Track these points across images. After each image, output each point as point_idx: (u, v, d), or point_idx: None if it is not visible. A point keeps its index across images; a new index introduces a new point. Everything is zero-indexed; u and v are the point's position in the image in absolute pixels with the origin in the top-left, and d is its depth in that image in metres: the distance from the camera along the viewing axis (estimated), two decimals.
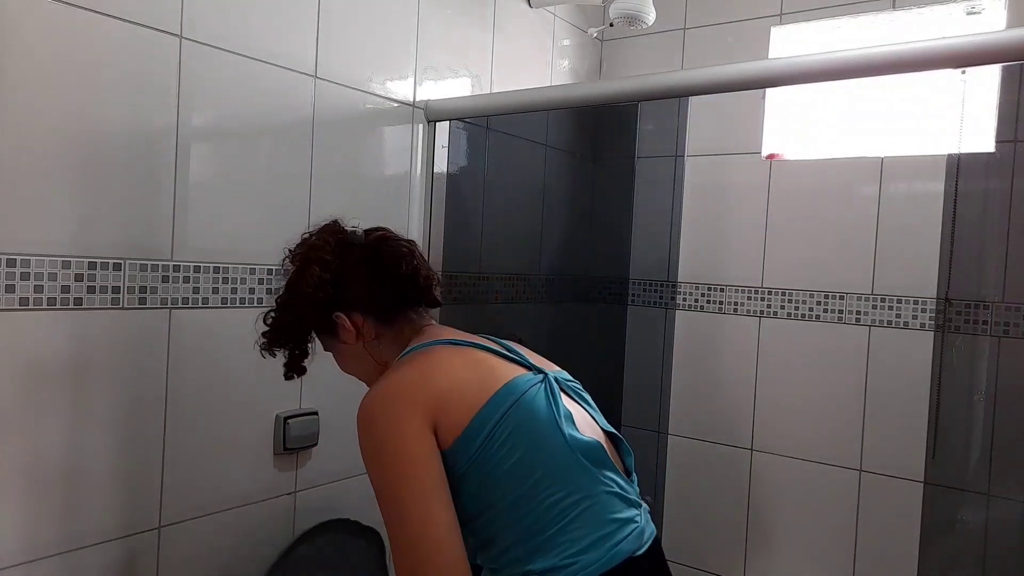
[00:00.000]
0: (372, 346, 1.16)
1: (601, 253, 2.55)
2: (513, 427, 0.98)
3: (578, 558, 0.95)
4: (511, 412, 0.99)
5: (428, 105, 1.83)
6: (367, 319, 1.15)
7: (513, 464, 0.98)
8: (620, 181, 2.52)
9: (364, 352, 1.17)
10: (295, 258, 1.17)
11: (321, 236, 1.18)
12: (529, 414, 1.00)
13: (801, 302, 2.15)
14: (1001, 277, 1.89)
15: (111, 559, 1.30)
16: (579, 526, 0.97)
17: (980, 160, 1.93)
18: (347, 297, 1.14)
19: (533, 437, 0.99)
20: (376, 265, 1.15)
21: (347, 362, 1.22)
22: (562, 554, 0.95)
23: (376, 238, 1.19)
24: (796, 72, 1.45)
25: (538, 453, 0.99)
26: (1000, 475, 1.88)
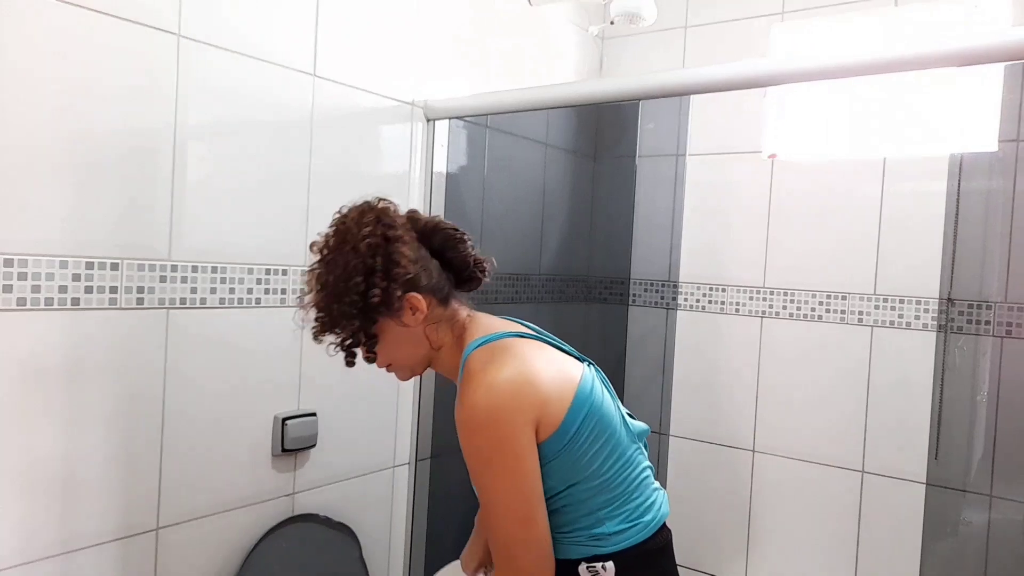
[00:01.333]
0: (432, 330, 1.12)
1: (602, 253, 2.55)
2: (596, 419, 1.08)
3: (639, 520, 1.10)
4: (592, 407, 1.08)
5: (427, 104, 1.82)
6: (430, 301, 1.11)
7: (597, 450, 1.08)
8: (621, 180, 2.51)
9: (423, 336, 1.12)
10: (345, 234, 1.08)
11: (371, 214, 1.10)
12: (601, 406, 1.10)
13: (803, 302, 2.14)
14: (1004, 277, 1.88)
15: (109, 560, 1.29)
16: (638, 495, 1.12)
17: (983, 159, 1.92)
18: (419, 276, 1.09)
19: (610, 425, 1.10)
20: (441, 248, 1.14)
21: (399, 348, 1.13)
22: (628, 518, 1.10)
23: (428, 222, 1.15)
24: (797, 72, 1.44)
25: (613, 439, 1.10)
26: (1002, 476, 1.87)
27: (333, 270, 1.06)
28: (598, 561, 1.08)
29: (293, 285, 1.56)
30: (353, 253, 1.06)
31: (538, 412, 1.03)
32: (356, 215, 1.10)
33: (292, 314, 1.55)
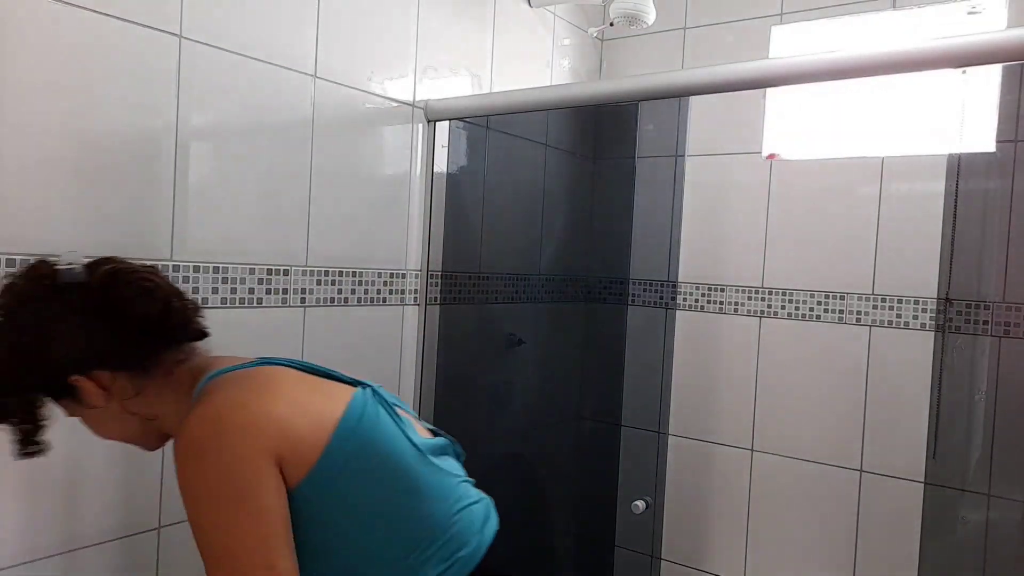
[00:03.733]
0: (135, 403, 0.95)
1: (601, 253, 2.55)
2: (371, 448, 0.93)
3: (456, 555, 0.94)
4: (363, 435, 0.92)
5: (428, 105, 1.83)
6: (116, 374, 0.93)
7: (379, 483, 0.92)
8: (620, 181, 2.52)
9: (124, 413, 0.95)
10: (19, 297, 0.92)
11: (28, 283, 0.92)
12: (377, 432, 0.94)
13: (801, 302, 2.15)
14: (1002, 277, 1.89)
15: (111, 559, 1.30)
16: (449, 526, 0.95)
17: (981, 160, 1.93)
18: (82, 355, 0.91)
19: (392, 453, 0.94)
20: (109, 309, 0.92)
21: (105, 427, 0.99)
22: (443, 557, 0.93)
23: (104, 274, 0.94)
24: (796, 72, 1.45)
25: (401, 468, 0.94)
26: (1000, 475, 1.88)
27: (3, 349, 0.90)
28: None
29: (295, 285, 1.56)
30: (10, 331, 0.91)
31: (280, 441, 0.86)
32: (21, 282, 0.93)
33: (293, 314, 1.56)
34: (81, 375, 0.92)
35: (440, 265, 1.90)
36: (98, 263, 0.96)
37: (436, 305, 1.90)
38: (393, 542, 0.92)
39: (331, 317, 1.64)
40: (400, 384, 1.83)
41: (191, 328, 0.99)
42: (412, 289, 1.85)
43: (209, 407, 0.89)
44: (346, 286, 1.67)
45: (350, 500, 0.91)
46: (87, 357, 0.92)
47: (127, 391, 0.94)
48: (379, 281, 1.76)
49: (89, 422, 0.99)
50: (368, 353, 1.75)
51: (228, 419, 0.88)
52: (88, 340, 0.92)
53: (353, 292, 1.69)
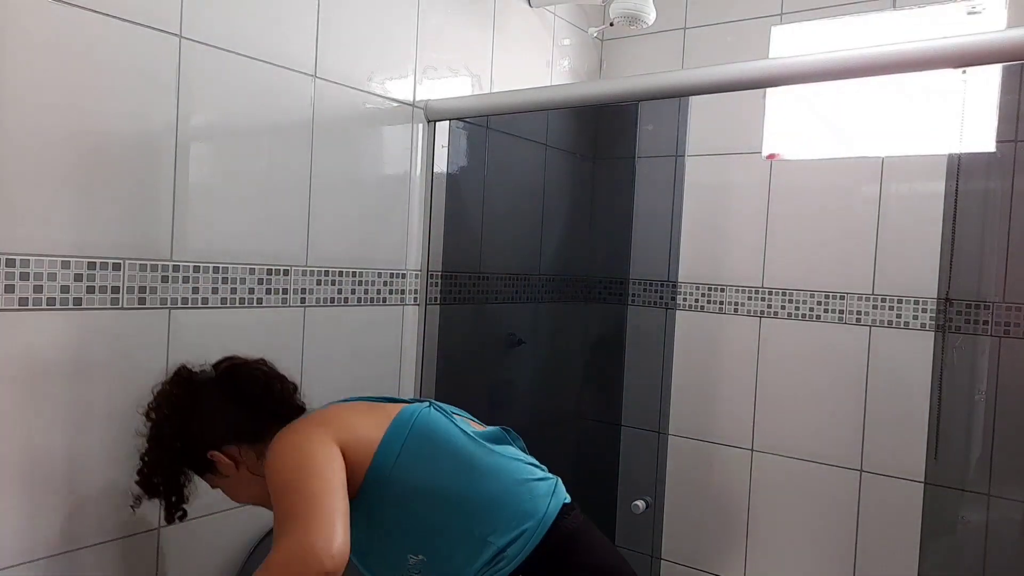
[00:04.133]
0: (258, 466, 1.16)
1: (601, 253, 2.55)
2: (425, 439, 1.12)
3: (522, 526, 1.08)
4: (415, 428, 1.12)
5: (428, 105, 1.83)
6: (242, 446, 1.17)
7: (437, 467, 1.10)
8: (620, 181, 2.52)
9: (251, 477, 1.17)
10: (149, 412, 1.19)
11: (171, 385, 1.19)
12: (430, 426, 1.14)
13: (801, 302, 2.15)
14: (1002, 277, 1.89)
15: (110, 559, 1.30)
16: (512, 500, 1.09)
17: (981, 160, 1.93)
18: (214, 433, 1.17)
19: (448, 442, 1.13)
20: (233, 394, 1.19)
21: (238, 492, 1.22)
22: (510, 526, 1.07)
23: (225, 368, 1.22)
24: (796, 72, 1.45)
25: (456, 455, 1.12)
26: (1001, 475, 1.88)
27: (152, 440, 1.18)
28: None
29: (295, 285, 1.56)
30: (158, 423, 1.17)
31: (342, 432, 1.08)
32: (165, 386, 1.20)
33: (293, 314, 1.56)
34: (216, 450, 1.16)
35: (440, 265, 1.90)
36: (220, 362, 1.23)
37: (436, 305, 1.90)
38: (458, 517, 1.08)
39: (331, 317, 1.64)
40: (400, 384, 1.83)
41: (292, 404, 1.23)
42: (412, 289, 1.85)
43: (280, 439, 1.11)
44: (346, 286, 1.67)
45: (412, 484, 1.09)
46: (220, 434, 1.17)
47: (251, 457, 1.17)
48: (379, 281, 1.76)
49: (227, 489, 1.22)
50: (368, 353, 1.76)
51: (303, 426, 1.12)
52: (221, 420, 1.17)
53: (353, 292, 1.69)
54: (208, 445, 1.16)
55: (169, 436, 1.15)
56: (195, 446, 1.16)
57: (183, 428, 1.15)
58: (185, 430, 1.15)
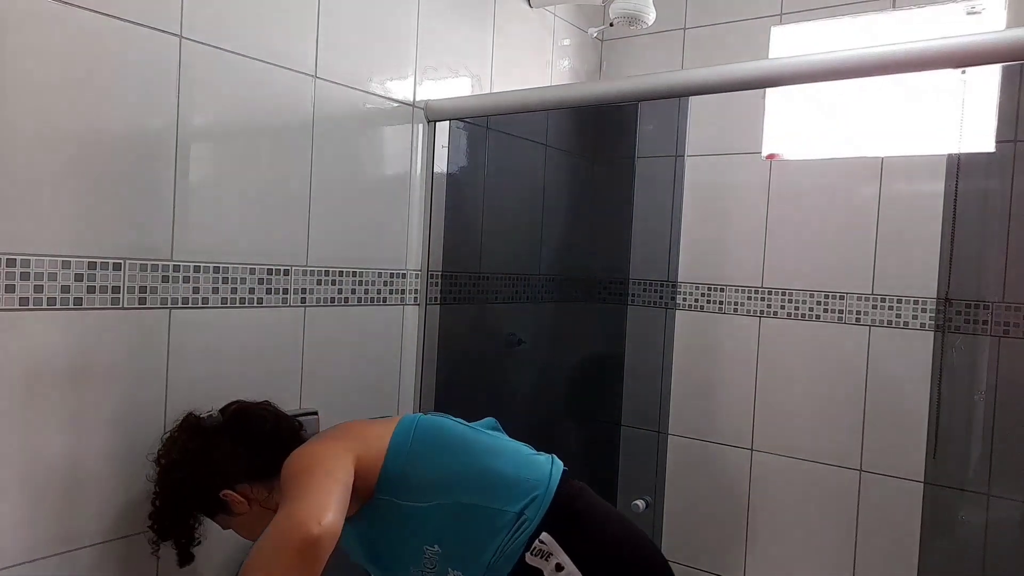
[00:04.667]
0: (269, 501, 1.22)
1: (601, 253, 2.55)
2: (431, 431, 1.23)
3: (532, 492, 1.17)
4: (420, 424, 1.23)
5: (428, 105, 1.83)
6: (253, 484, 1.23)
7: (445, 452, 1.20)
8: (620, 181, 2.52)
9: (264, 511, 1.22)
10: (160, 459, 1.24)
11: (180, 432, 1.25)
12: (433, 421, 1.26)
13: (801, 302, 2.15)
14: (1001, 277, 1.89)
15: (111, 559, 1.30)
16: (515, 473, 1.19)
17: (980, 160, 1.93)
18: (226, 474, 1.22)
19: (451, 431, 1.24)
20: (243, 436, 1.25)
21: (252, 528, 1.25)
22: (522, 494, 1.17)
23: (233, 412, 1.29)
24: (796, 72, 1.45)
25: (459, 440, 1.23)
26: (1000, 475, 1.88)
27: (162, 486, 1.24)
28: (533, 541, 1.14)
29: (295, 285, 1.56)
30: (168, 468, 1.23)
31: (355, 443, 1.18)
32: (174, 432, 1.26)
33: (293, 314, 1.57)
34: (230, 489, 1.22)
35: (440, 265, 1.90)
36: (227, 407, 1.31)
37: (436, 305, 1.90)
38: (472, 496, 1.16)
39: (331, 317, 1.64)
40: (400, 384, 1.83)
41: (297, 439, 1.29)
42: (412, 289, 1.85)
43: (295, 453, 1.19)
44: (346, 286, 1.68)
45: (425, 475, 1.18)
46: (233, 475, 1.22)
47: (262, 493, 1.24)
48: (379, 281, 1.76)
49: (240, 527, 1.27)
50: (368, 353, 1.76)
51: (316, 439, 1.23)
52: (233, 461, 1.23)
53: (353, 292, 1.69)
54: (220, 486, 1.21)
55: (180, 480, 1.21)
56: (207, 488, 1.21)
57: (194, 472, 1.21)
58: (196, 473, 1.21)
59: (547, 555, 1.13)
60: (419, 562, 1.19)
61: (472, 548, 1.15)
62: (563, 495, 1.19)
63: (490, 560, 1.14)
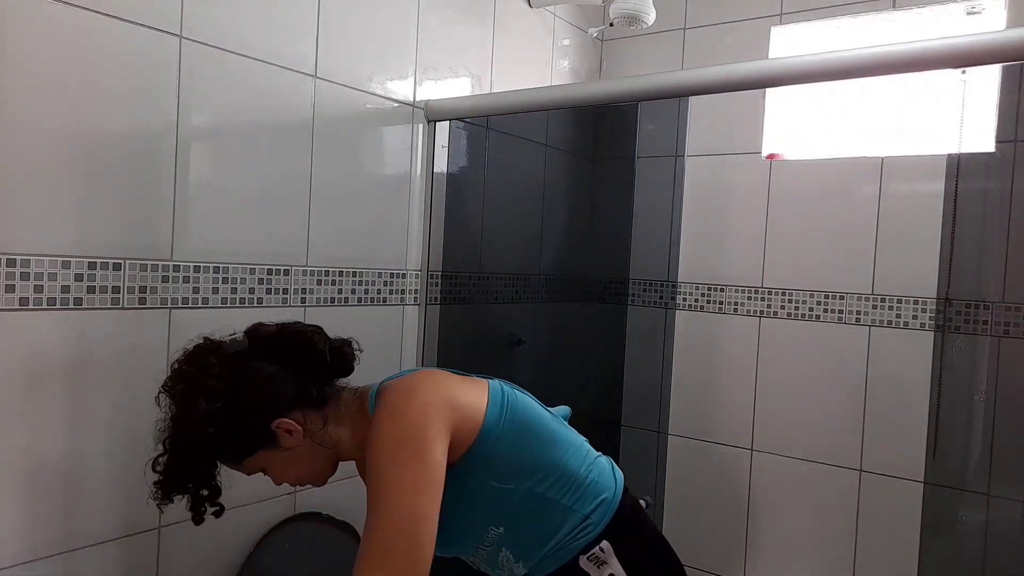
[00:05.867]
0: (322, 435, 1.09)
1: (601, 253, 2.55)
2: (520, 412, 1.14)
3: (602, 494, 1.15)
4: (509, 401, 1.14)
5: (428, 105, 1.83)
6: (306, 412, 1.08)
7: (533, 440, 1.13)
8: (620, 181, 2.52)
9: (314, 447, 1.09)
10: (174, 392, 1.04)
11: (200, 357, 1.06)
12: (519, 400, 1.16)
13: (801, 302, 2.15)
14: (1001, 277, 1.89)
15: (111, 559, 1.30)
16: (589, 471, 1.16)
17: (980, 160, 1.93)
18: (278, 401, 1.06)
19: (536, 415, 1.16)
20: (290, 355, 1.09)
21: (295, 467, 1.11)
22: (593, 495, 1.14)
23: (271, 334, 1.11)
24: (796, 72, 1.45)
25: (546, 427, 1.15)
26: (1000, 475, 1.88)
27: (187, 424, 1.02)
28: (593, 547, 1.12)
29: (295, 285, 1.56)
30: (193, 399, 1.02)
31: (451, 413, 1.06)
32: (190, 361, 1.06)
33: (293, 314, 1.56)
34: (283, 418, 1.06)
35: (440, 265, 1.90)
36: (253, 328, 1.13)
37: (436, 305, 1.90)
38: (547, 488, 1.12)
39: (331, 317, 1.64)
40: None
41: (349, 363, 1.17)
42: (412, 289, 1.85)
43: (399, 395, 1.06)
44: (346, 286, 1.68)
45: (511, 456, 1.11)
46: (284, 401, 1.07)
47: (317, 423, 1.09)
48: (379, 281, 1.76)
49: (278, 467, 1.11)
50: (368, 353, 1.74)
51: (416, 399, 1.05)
52: (284, 385, 1.07)
53: (353, 292, 1.69)
54: (274, 414, 1.05)
55: (213, 414, 1.01)
56: (256, 418, 1.04)
57: (237, 401, 1.03)
58: (240, 403, 1.03)
59: (601, 563, 1.12)
60: (481, 540, 1.14)
61: (534, 537, 1.13)
62: (626, 506, 1.17)
63: (545, 552, 1.13)
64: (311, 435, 1.08)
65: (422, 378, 1.12)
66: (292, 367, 1.09)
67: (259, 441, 1.06)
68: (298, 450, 1.08)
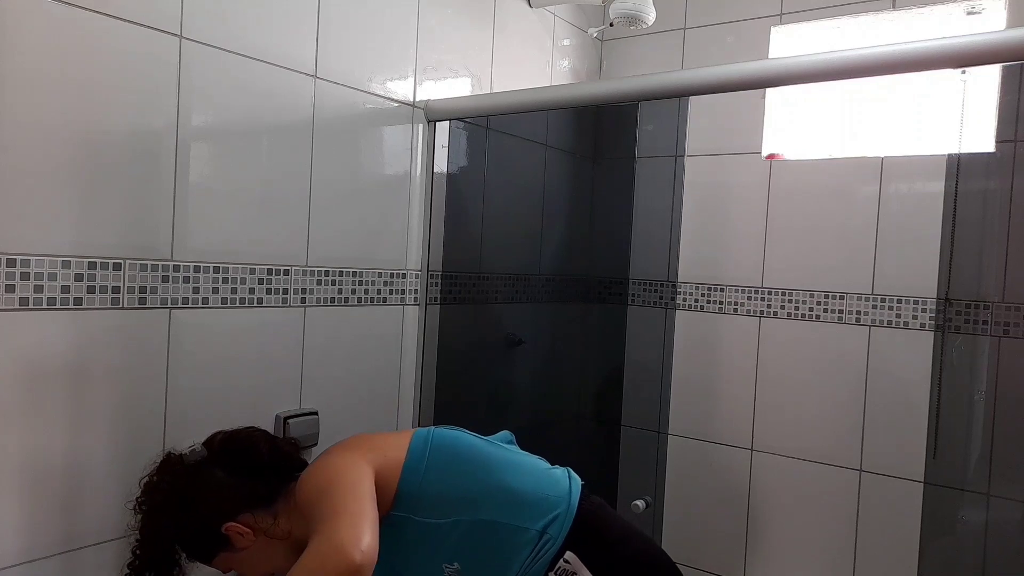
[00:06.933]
0: (275, 529, 1.16)
1: (601, 253, 2.55)
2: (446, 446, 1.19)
3: (554, 510, 1.15)
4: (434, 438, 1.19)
5: (428, 105, 1.83)
6: (256, 513, 1.16)
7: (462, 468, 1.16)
8: (620, 181, 2.52)
9: (270, 542, 1.17)
10: (141, 505, 1.16)
11: (163, 474, 1.17)
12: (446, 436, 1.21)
13: (801, 302, 2.15)
14: (1001, 277, 1.89)
15: (111, 559, 1.30)
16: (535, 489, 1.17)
17: (980, 160, 1.93)
18: (226, 507, 1.15)
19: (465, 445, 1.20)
20: (237, 464, 1.18)
21: (257, 562, 1.19)
22: (543, 512, 1.14)
23: (220, 441, 1.21)
24: (796, 72, 1.45)
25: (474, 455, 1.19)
26: (1000, 475, 1.88)
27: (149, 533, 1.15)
28: (557, 560, 1.12)
29: (295, 285, 1.56)
30: (155, 512, 1.14)
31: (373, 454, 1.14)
32: (153, 476, 1.17)
33: (293, 314, 1.57)
34: (232, 521, 1.14)
35: (440, 265, 1.90)
36: (211, 439, 1.22)
37: (436, 305, 1.90)
38: (492, 514, 1.13)
39: (331, 317, 1.64)
40: (400, 384, 1.83)
41: (299, 460, 1.25)
42: (412, 289, 1.85)
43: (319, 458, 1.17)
44: (346, 286, 1.68)
45: (442, 491, 1.14)
46: (233, 505, 1.15)
47: (267, 521, 1.16)
48: (379, 281, 1.76)
49: (243, 565, 1.19)
50: (368, 353, 1.76)
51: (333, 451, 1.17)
52: (230, 492, 1.15)
53: (353, 292, 1.69)
54: (222, 520, 1.14)
55: (173, 523, 1.13)
56: (207, 525, 1.14)
57: (188, 513, 1.13)
58: (191, 514, 1.14)
59: (571, 574, 1.12)
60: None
61: (493, 566, 1.13)
62: (585, 512, 1.17)
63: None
64: (264, 532, 1.16)
65: (342, 441, 1.22)
66: (239, 472, 1.17)
67: (214, 545, 1.16)
68: (254, 548, 1.16)
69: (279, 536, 1.15)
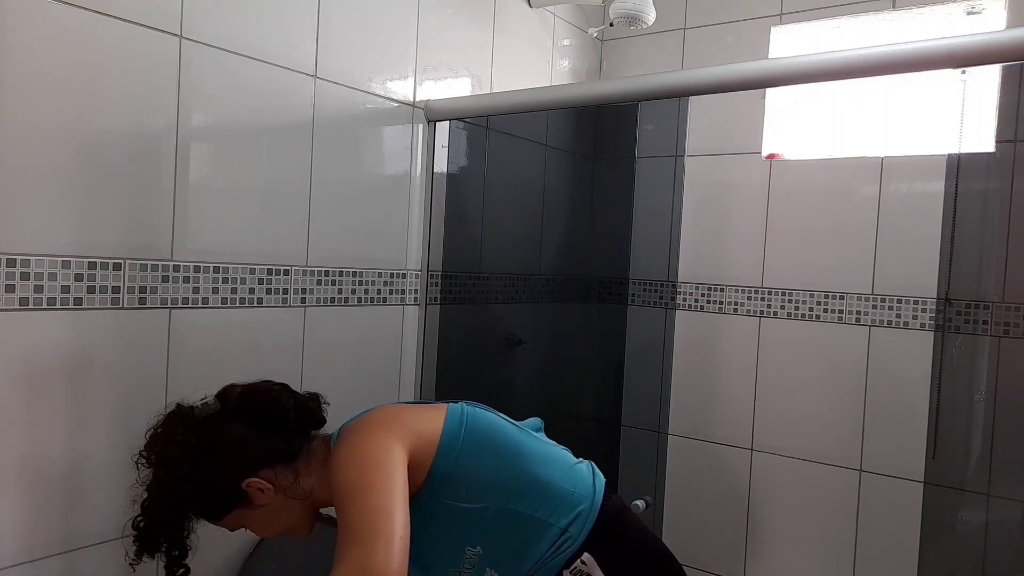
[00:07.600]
0: (294, 488, 1.12)
1: (601, 253, 2.55)
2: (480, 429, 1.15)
3: (578, 506, 1.14)
4: (468, 419, 1.15)
5: (428, 105, 1.83)
6: (276, 468, 1.11)
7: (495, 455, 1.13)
8: (620, 181, 2.52)
9: (289, 501, 1.12)
10: (150, 458, 1.09)
11: (173, 425, 1.10)
12: (479, 417, 1.17)
13: (801, 302, 2.15)
14: (1001, 277, 1.89)
15: (110, 559, 1.30)
16: (563, 483, 1.15)
17: (980, 160, 1.93)
18: (247, 462, 1.09)
19: (499, 430, 1.16)
20: (256, 417, 1.12)
21: (273, 521, 1.15)
22: (569, 507, 1.13)
23: (239, 395, 1.15)
24: (796, 72, 1.45)
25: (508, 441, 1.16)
26: (1000, 475, 1.88)
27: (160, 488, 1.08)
28: (574, 560, 1.11)
29: (295, 285, 1.56)
30: (167, 466, 1.07)
31: (408, 434, 1.09)
32: (162, 428, 1.10)
33: (293, 314, 1.57)
34: (253, 477, 1.09)
35: (440, 265, 1.90)
36: (225, 392, 1.15)
37: (436, 305, 1.90)
38: (518, 504, 1.12)
39: (331, 317, 1.64)
40: (400, 384, 1.83)
41: (320, 414, 1.20)
42: (412, 289, 1.85)
43: (355, 430, 1.10)
44: (346, 286, 1.68)
45: (474, 475, 1.11)
46: (255, 460, 1.09)
47: (288, 478, 1.11)
48: (379, 281, 1.76)
49: (257, 523, 1.14)
50: (368, 353, 1.76)
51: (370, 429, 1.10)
52: (253, 446, 1.10)
53: (353, 292, 1.69)
54: (243, 475, 1.09)
55: (185, 478, 1.06)
56: (227, 480, 1.08)
57: (207, 465, 1.07)
58: (211, 466, 1.07)
59: (586, 575, 1.12)
60: (460, 563, 1.15)
61: (513, 554, 1.13)
62: (607, 513, 1.16)
63: (529, 568, 1.13)
64: (283, 490, 1.11)
65: (376, 412, 1.15)
66: (260, 426, 1.12)
67: (232, 501, 1.10)
68: (273, 506, 1.11)
69: (299, 496, 1.11)
